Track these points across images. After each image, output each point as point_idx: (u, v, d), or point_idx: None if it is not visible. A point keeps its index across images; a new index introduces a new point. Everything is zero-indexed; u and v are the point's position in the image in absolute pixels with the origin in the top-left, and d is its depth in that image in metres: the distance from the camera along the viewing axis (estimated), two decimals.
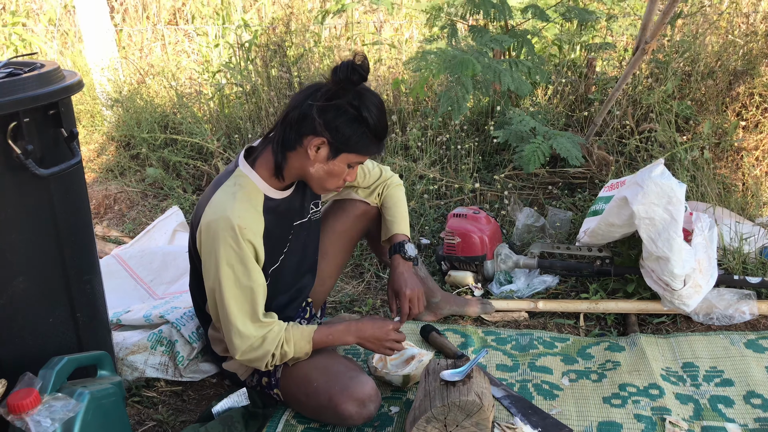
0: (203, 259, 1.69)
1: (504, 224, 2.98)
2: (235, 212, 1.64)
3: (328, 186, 1.74)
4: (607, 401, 1.91)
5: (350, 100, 1.61)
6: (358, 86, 1.62)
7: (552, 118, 3.49)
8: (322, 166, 1.68)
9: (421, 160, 3.35)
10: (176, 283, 2.49)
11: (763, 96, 3.35)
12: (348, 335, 1.81)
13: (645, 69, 3.57)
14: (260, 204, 1.71)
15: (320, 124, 1.62)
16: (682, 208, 2.09)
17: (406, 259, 2.02)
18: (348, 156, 1.67)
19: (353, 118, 1.62)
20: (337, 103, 1.61)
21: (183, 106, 3.96)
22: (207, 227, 1.65)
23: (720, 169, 3.06)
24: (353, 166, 1.72)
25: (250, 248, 1.66)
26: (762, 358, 2.06)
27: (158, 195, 3.59)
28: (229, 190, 1.69)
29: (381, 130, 1.66)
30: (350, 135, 1.63)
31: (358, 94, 1.62)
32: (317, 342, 1.77)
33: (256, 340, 1.69)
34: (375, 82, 4.08)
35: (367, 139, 1.65)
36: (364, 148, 1.67)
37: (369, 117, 1.62)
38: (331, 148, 1.65)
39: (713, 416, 1.83)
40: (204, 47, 4.91)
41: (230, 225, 1.62)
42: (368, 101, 1.63)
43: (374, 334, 1.81)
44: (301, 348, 1.75)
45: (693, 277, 2.16)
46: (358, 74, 1.58)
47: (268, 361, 1.73)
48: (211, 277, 1.69)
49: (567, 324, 2.35)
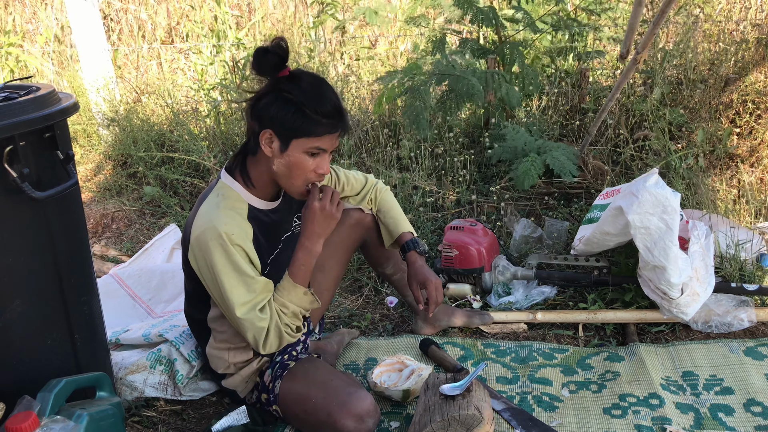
0: (202, 273, 1.70)
1: (501, 236, 2.98)
2: (221, 220, 1.65)
3: (296, 182, 1.69)
4: (608, 412, 1.90)
5: (283, 85, 1.61)
6: (290, 72, 1.61)
7: (547, 128, 3.51)
8: (280, 160, 1.66)
9: (417, 173, 3.36)
10: (175, 301, 2.49)
11: (756, 102, 3.37)
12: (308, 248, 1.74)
13: (638, 78, 3.59)
14: (245, 212, 1.72)
15: (261, 117, 1.63)
16: (677, 217, 2.10)
17: (420, 254, 2.05)
18: (299, 142, 1.63)
19: (285, 100, 1.60)
20: (269, 91, 1.62)
21: (179, 123, 3.97)
22: (197, 241, 1.67)
23: (715, 176, 3.07)
24: (315, 153, 1.65)
25: (241, 252, 1.67)
26: (761, 365, 2.06)
27: (156, 213, 3.60)
28: (213, 202, 1.70)
29: (322, 108, 1.61)
30: (289, 119, 1.60)
31: (292, 78, 1.62)
32: (298, 275, 1.74)
33: (262, 329, 1.69)
34: (370, 96, 4.10)
35: (309, 119, 1.61)
36: (310, 129, 1.62)
37: (302, 97, 1.60)
38: (280, 138, 1.63)
39: (714, 425, 1.83)
40: (199, 65, 4.93)
41: (217, 233, 1.63)
42: (300, 82, 1.62)
43: (315, 221, 1.72)
44: (296, 295, 1.73)
45: (690, 286, 2.16)
46: (273, 56, 1.59)
47: (288, 331, 1.72)
48: (212, 289, 1.70)
49: (566, 335, 2.35)
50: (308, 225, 1.73)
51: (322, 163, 1.68)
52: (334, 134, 1.66)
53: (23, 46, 5.74)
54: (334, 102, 1.64)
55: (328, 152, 1.69)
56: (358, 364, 2.23)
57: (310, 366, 1.86)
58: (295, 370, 1.84)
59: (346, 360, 2.27)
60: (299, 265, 1.74)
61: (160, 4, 6.25)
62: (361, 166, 3.52)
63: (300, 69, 1.67)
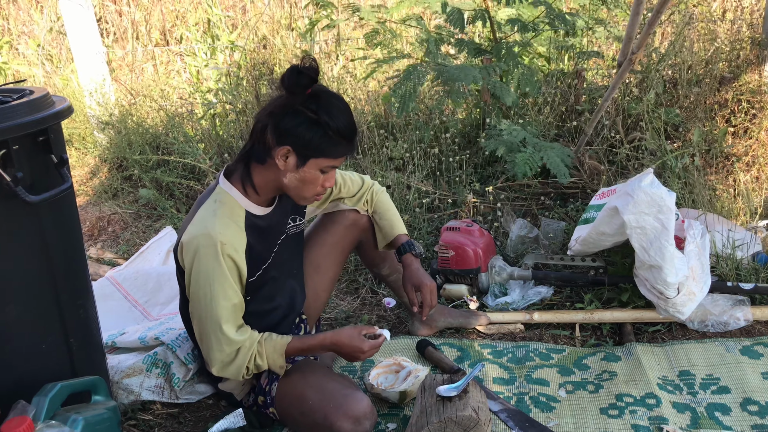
0: (186, 275, 1.70)
1: (497, 236, 2.98)
2: (216, 228, 1.65)
3: (306, 194, 1.72)
4: (605, 412, 1.90)
5: (307, 104, 1.61)
6: (311, 89, 1.61)
7: (543, 129, 3.51)
8: (294, 175, 1.66)
9: (413, 173, 3.36)
10: (171, 303, 2.49)
11: (750, 102, 3.38)
12: (323, 349, 1.78)
13: (633, 79, 3.59)
14: (242, 220, 1.72)
15: (283, 133, 1.62)
16: (672, 216, 2.10)
17: (415, 256, 2.06)
18: (317, 161, 1.65)
19: (311, 121, 1.61)
20: (294, 109, 1.61)
21: (174, 126, 3.96)
22: (188, 244, 1.67)
23: (711, 176, 3.08)
24: (326, 171, 1.68)
25: (231, 264, 1.67)
26: (758, 364, 2.06)
27: (152, 216, 3.59)
28: (210, 208, 1.70)
29: (344, 130, 1.63)
30: (312, 139, 1.61)
31: (315, 97, 1.62)
32: (293, 351, 1.75)
33: (229, 356, 1.70)
34: (365, 97, 4.10)
35: (331, 140, 1.62)
36: (330, 151, 1.64)
37: (327, 118, 1.60)
38: (298, 155, 1.63)
39: (710, 424, 1.83)
40: (194, 67, 4.93)
41: (211, 242, 1.63)
42: (325, 102, 1.62)
43: (351, 348, 1.74)
44: (274, 361, 1.74)
45: (686, 285, 2.16)
46: (306, 77, 1.59)
47: (243, 373, 1.73)
48: (190, 292, 1.71)
49: (563, 335, 2.35)
50: (346, 340, 1.74)
51: (329, 178, 1.72)
52: (348, 155, 1.71)
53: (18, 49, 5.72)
54: (353, 126, 1.66)
55: (336, 168, 1.73)
56: (355, 366, 2.23)
57: (306, 368, 1.86)
58: (292, 372, 1.84)
59: (342, 362, 2.26)
60: (303, 346, 1.76)
61: (154, 5, 6.24)
62: (357, 167, 3.51)
63: (321, 86, 1.65)
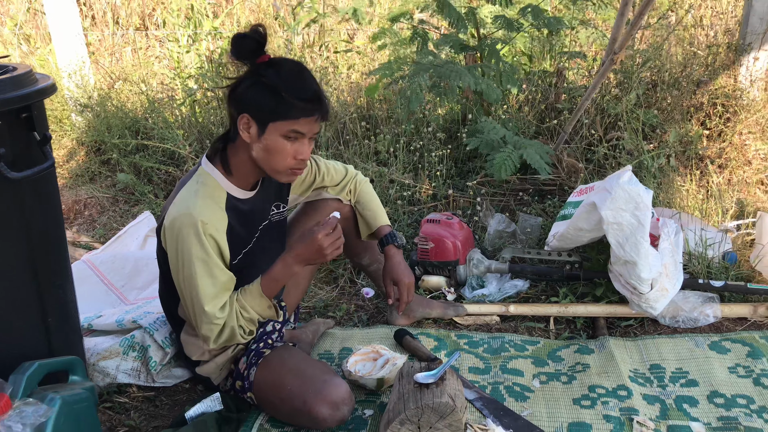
0: (169, 256, 1.71)
1: (476, 230, 3.02)
2: (197, 209, 1.65)
3: (277, 166, 1.69)
4: (577, 402, 1.94)
5: (261, 71, 1.62)
6: (270, 59, 1.62)
7: (523, 126, 3.55)
8: (258, 145, 1.66)
9: (394, 167, 3.38)
10: (148, 288, 2.48)
11: (725, 106, 3.46)
12: (289, 266, 1.74)
13: (613, 79, 3.65)
14: (223, 201, 1.73)
15: (239, 102, 1.64)
16: (649, 213, 2.15)
17: (398, 248, 2.08)
18: (276, 125, 1.63)
19: (264, 85, 1.61)
20: (249, 77, 1.63)
21: (154, 111, 3.93)
22: (170, 225, 1.67)
23: (685, 177, 3.15)
24: (292, 137, 1.65)
25: (212, 244, 1.68)
26: (725, 359, 2.12)
27: (129, 200, 3.56)
28: (192, 188, 1.71)
29: (298, 90, 1.61)
30: (266, 102, 1.61)
31: (271, 64, 1.63)
32: (268, 288, 1.75)
33: (217, 330, 1.71)
34: (348, 88, 4.11)
35: (285, 102, 1.60)
36: (286, 112, 1.61)
37: (279, 80, 1.60)
38: (257, 122, 1.63)
39: (679, 416, 1.88)
40: (175, 53, 4.88)
41: (192, 221, 1.64)
42: (279, 66, 1.63)
43: (309, 249, 1.71)
44: (259, 305, 1.75)
45: (659, 281, 2.21)
46: (250, 41, 1.60)
47: (242, 333, 1.74)
48: (176, 273, 1.71)
49: (537, 327, 2.39)
50: (301, 247, 1.72)
51: (302, 149, 1.68)
52: (310, 118, 1.65)
53: None
54: (310, 86, 1.64)
55: (308, 138, 1.68)
56: (333, 354, 2.24)
57: (285, 354, 1.87)
58: (271, 357, 1.85)
59: (320, 349, 2.27)
60: (273, 278, 1.75)
61: None
62: (338, 158, 3.52)
63: (281, 57, 1.68)
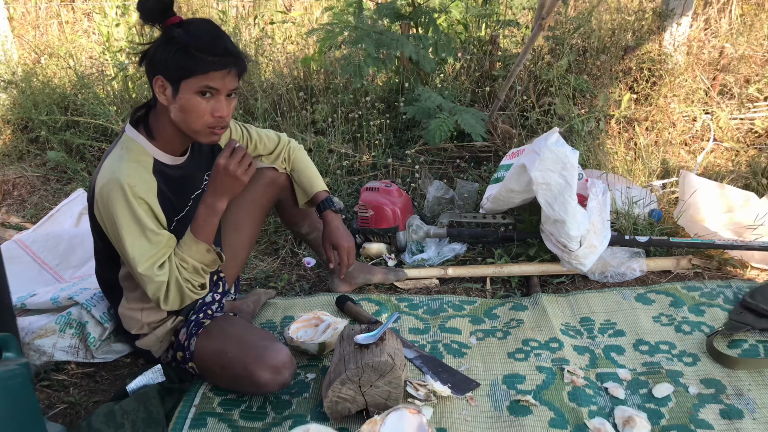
0: (106, 226, 1.68)
1: (415, 197, 3.07)
2: (123, 172, 1.63)
3: (196, 126, 1.66)
4: (512, 356, 2.03)
5: (172, 32, 1.61)
6: (168, 17, 1.61)
7: (459, 95, 3.60)
8: (175, 106, 1.64)
9: (332, 137, 3.38)
10: (84, 266, 2.43)
11: (651, 70, 3.58)
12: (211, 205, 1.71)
13: (545, 46, 3.73)
14: (150, 165, 1.71)
15: (151, 64, 1.63)
16: (575, 173, 2.23)
17: (336, 212, 2.10)
18: (188, 83, 1.60)
19: (171, 43, 1.60)
20: (159, 39, 1.62)
21: (84, 87, 3.81)
22: (100, 193, 1.65)
23: (614, 139, 3.26)
24: (206, 93, 1.62)
25: (144, 205, 1.66)
26: (649, 309, 2.24)
27: (62, 179, 3.46)
28: (117, 154, 1.69)
29: (205, 44, 1.59)
30: (175, 60, 1.59)
31: (181, 24, 1.62)
32: (200, 231, 1.72)
33: (161, 290, 1.68)
34: (285, 59, 4.07)
35: (194, 57, 1.58)
36: (196, 68, 1.59)
37: (186, 36, 1.59)
38: (170, 81, 1.62)
39: (606, 363, 1.99)
40: (104, 26, 4.72)
41: (119, 185, 1.62)
42: (186, 25, 1.62)
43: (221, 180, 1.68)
44: (197, 251, 1.71)
45: (588, 239, 2.31)
46: (155, 2, 1.59)
47: (190, 287, 1.71)
48: (115, 240, 1.68)
49: (475, 288, 2.46)
50: (212, 181, 1.71)
51: (218, 106, 1.65)
52: (222, 71, 1.61)
53: None
54: (220, 40, 1.62)
55: (224, 94, 1.65)
56: (275, 323, 2.27)
57: (225, 323, 1.88)
58: (211, 327, 1.85)
59: (262, 319, 2.29)
60: (200, 221, 1.72)
61: None
62: (276, 129, 3.50)
63: (193, 17, 1.65)
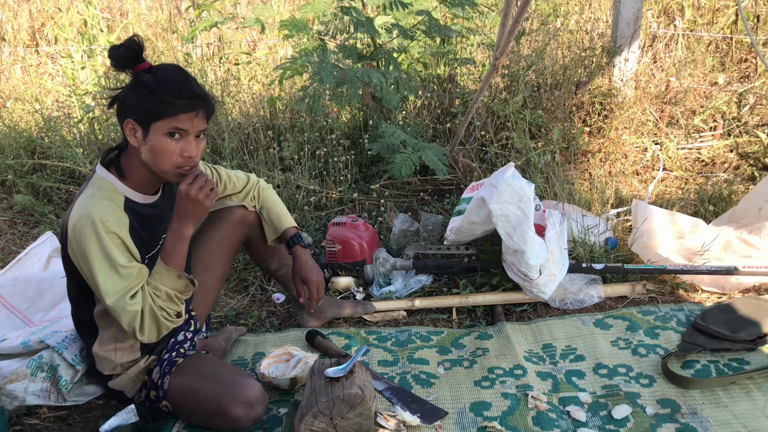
0: (80, 264, 1.70)
1: (381, 231, 3.15)
2: (95, 208, 1.67)
3: (165, 167, 1.71)
4: (478, 384, 2.10)
5: (142, 78, 1.67)
6: (139, 64, 1.68)
7: (421, 131, 3.73)
8: (145, 147, 1.69)
9: (300, 173, 3.46)
10: (54, 309, 2.44)
11: (603, 104, 3.76)
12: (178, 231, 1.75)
13: (501, 83, 3.89)
14: (121, 202, 1.75)
15: (121, 108, 1.70)
16: (532, 205, 2.34)
17: (304, 247, 2.15)
18: (157, 125, 1.66)
19: (141, 87, 1.66)
20: (129, 84, 1.69)
21: (51, 129, 3.83)
22: (72, 230, 1.68)
23: (569, 171, 3.41)
24: (175, 134, 1.68)
25: (116, 239, 1.68)
26: (608, 334, 2.34)
27: (29, 222, 3.46)
28: (88, 193, 1.73)
29: (173, 88, 1.65)
30: (145, 103, 1.65)
31: (150, 70, 1.69)
32: (170, 259, 1.75)
33: (136, 321, 1.69)
34: (251, 99, 4.15)
35: (163, 101, 1.65)
36: (165, 110, 1.65)
37: (154, 81, 1.65)
38: (140, 124, 1.68)
39: (568, 388, 2.07)
40: (70, 69, 4.76)
41: (91, 221, 1.65)
42: (155, 70, 1.68)
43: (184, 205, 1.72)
44: (168, 278, 1.74)
45: (547, 267, 2.41)
46: (124, 49, 1.66)
47: (165, 315, 1.72)
48: (88, 276, 1.70)
49: (441, 318, 2.54)
50: (176, 209, 1.75)
51: (187, 146, 1.70)
52: (190, 113, 1.67)
53: None
54: (187, 83, 1.69)
55: (192, 134, 1.71)
56: (246, 359, 2.30)
57: (198, 360, 1.92)
58: (184, 365, 1.89)
59: (234, 356, 2.33)
60: (169, 248, 1.75)
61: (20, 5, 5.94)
62: (244, 167, 3.57)
63: (162, 63, 1.73)
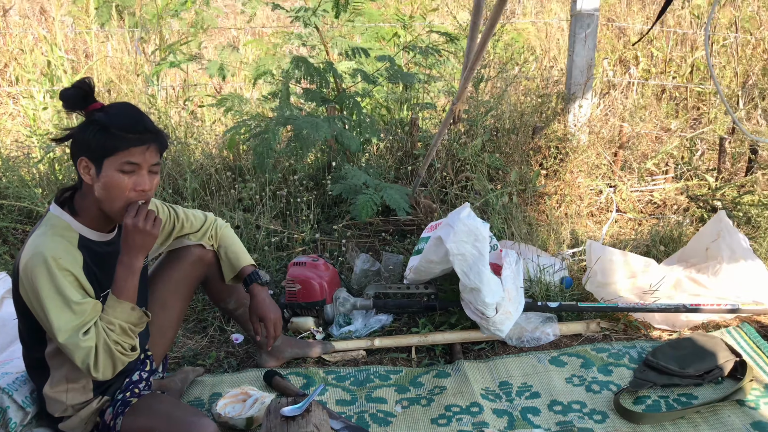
0: (31, 302, 1.69)
1: (343, 270, 3.17)
2: (48, 246, 1.67)
3: (117, 203, 1.72)
4: (435, 422, 2.11)
5: (92, 116, 1.70)
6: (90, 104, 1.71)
7: (383, 172, 3.79)
8: (98, 184, 1.70)
9: (262, 214, 3.48)
10: (5, 351, 2.38)
11: (558, 148, 3.89)
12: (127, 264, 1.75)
13: (461, 127, 4.00)
14: (75, 240, 1.74)
15: (74, 147, 1.72)
16: (487, 244, 2.40)
17: (262, 285, 2.16)
18: (110, 161, 1.68)
19: (93, 125, 1.69)
20: (81, 124, 1.72)
21: (9, 169, 3.79)
22: (24, 269, 1.67)
23: (526, 212, 3.49)
24: (128, 170, 1.70)
25: (69, 276, 1.67)
26: (563, 371, 2.38)
27: None
28: (41, 231, 1.72)
29: (124, 124, 1.68)
30: (96, 140, 1.67)
31: (102, 109, 1.72)
32: (122, 291, 1.74)
33: (90, 357, 1.67)
34: (214, 141, 4.18)
35: (114, 136, 1.67)
36: (117, 144, 1.67)
37: (106, 118, 1.68)
38: (93, 161, 1.69)
39: (523, 425, 2.10)
40: (30, 110, 4.73)
41: (43, 258, 1.65)
42: (107, 108, 1.72)
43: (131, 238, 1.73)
44: (121, 311, 1.73)
45: (503, 305, 2.46)
46: (75, 90, 1.70)
47: (120, 350, 1.71)
48: (40, 314, 1.68)
49: (401, 357, 2.55)
50: (124, 241, 1.75)
51: (140, 180, 1.72)
52: (142, 147, 1.70)
53: None
54: (139, 118, 1.72)
55: (145, 168, 1.73)
56: (203, 400, 2.28)
57: (152, 400, 1.90)
58: (138, 405, 1.87)
59: (190, 397, 2.30)
60: (121, 281, 1.75)
61: None
62: (205, 208, 3.57)
63: (114, 102, 1.76)
